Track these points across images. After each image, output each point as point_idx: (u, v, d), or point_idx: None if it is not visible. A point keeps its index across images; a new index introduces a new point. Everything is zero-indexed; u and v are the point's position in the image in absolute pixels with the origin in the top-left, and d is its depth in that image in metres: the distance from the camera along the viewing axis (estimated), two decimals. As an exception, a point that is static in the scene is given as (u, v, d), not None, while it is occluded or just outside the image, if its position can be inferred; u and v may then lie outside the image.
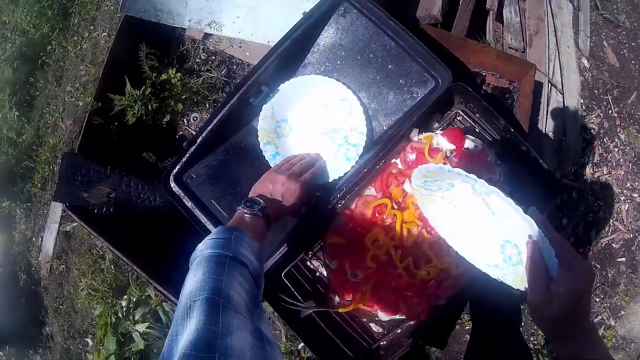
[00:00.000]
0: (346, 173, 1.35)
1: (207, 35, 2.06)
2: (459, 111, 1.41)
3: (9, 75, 3.16)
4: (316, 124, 1.41)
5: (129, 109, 1.88)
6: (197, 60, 2.10)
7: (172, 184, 1.42)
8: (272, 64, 1.36)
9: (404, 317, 1.33)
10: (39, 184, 2.90)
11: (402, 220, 1.30)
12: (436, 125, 1.41)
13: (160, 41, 2.06)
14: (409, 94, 1.40)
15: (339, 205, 1.34)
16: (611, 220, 3.13)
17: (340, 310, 1.34)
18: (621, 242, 3.09)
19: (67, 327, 2.78)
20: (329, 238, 1.36)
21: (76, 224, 2.58)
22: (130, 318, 2.17)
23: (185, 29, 2.05)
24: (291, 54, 1.39)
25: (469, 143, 1.34)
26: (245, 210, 1.09)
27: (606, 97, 3.32)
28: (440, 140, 1.34)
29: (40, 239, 2.89)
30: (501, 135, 1.35)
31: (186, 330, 0.67)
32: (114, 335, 2.27)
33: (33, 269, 2.95)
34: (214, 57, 2.10)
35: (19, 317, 2.95)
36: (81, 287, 2.57)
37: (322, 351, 1.29)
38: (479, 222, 1.01)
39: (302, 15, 1.40)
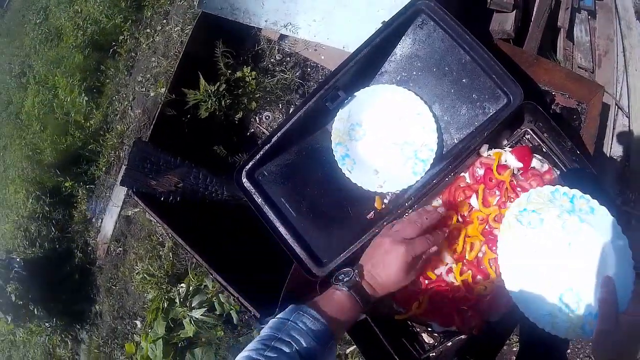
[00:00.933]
0: (411, 186, 1.37)
1: (282, 37, 2.11)
2: (528, 129, 1.40)
3: (80, 61, 3.33)
4: (389, 133, 1.43)
5: (202, 103, 1.95)
6: (272, 60, 2.15)
7: (244, 180, 1.46)
8: (351, 69, 1.38)
9: (456, 329, 1.33)
10: (104, 168, 3.05)
11: (465, 234, 1.31)
12: (505, 142, 1.41)
13: (236, 39, 2.12)
14: (481, 109, 1.40)
15: (406, 215, 1.35)
16: None
17: (396, 317, 1.36)
18: None
19: (118, 307, 2.91)
20: None
21: (138, 209, 2.69)
22: (187, 304, 2.25)
23: (261, 29, 2.10)
24: (369, 61, 1.41)
25: (535, 162, 1.33)
26: (336, 283, 1.07)
27: None
28: (509, 158, 1.34)
29: (100, 220, 3.03)
30: (567, 157, 1.34)
31: None
32: (164, 320, 2.36)
33: (90, 248, 3.10)
34: (288, 59, 2.15)
35: (70, 292, 3.11)
36: (137, 271, 2.68)
37: (372, 356, 1.31)
38: (547, 270, 1.06)
39: (382, 24, 1.43)
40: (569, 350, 2.17)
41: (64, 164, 3.20)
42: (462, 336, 1.34)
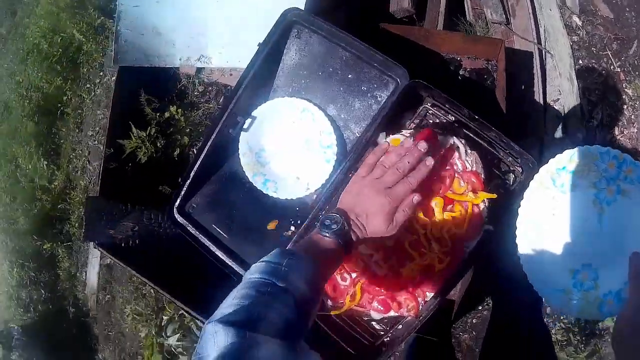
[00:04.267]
0: (323, 184, 1.46)
1: (199, 69, 2.20)
2: (428, 106, 1.43)
3: (32, 128, 3.43)
4: (291, 141, 1.52)
5: (138, 150, 2.05)
6: (195, 93, 2.26)
7: (177, 216, 1.58)
8: (243, 94, 1.47)
9: (397, 314, 1.36)
10: (76, 224, 3.16)
11: None
12: (409, 124, 1.44)
13: (158, 82, 2.22)
14: (373, 98, 1.48)
15: (322, 214, 1.40)
16: None
17: (332, 313, 1.40)
18: None
19: (118, 351, 3.02)
20: None
21: (113, 257, 2.81)
22: (163, 334, 2.37)
23: (178, 67, 2.19)
24: (258, 82, 1.50)
25: (442, 140, 1.33)
26: (324, 232, 0.99)
27: (605, 53, 3.26)
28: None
29: (84, 273, 3.14)
30: (470, 123, 1.36)
31: (214, 350, 0.68)
32: (160, 354, 2.48)
33: (80, 302, 3.21)
34: (210, 88, 2.26)
35: (72, 347, 3.21)
36: (127, 313, 2.79)
37: (324, 351, 1.40)
38: (567, 242, 1.01)
39: (258, 45, 1.51)
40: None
41: (39, 227, 3.28)
42: (408, 319, 1.36)
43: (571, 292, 0.96)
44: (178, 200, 1.57)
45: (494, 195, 1.28)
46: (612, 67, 3.18)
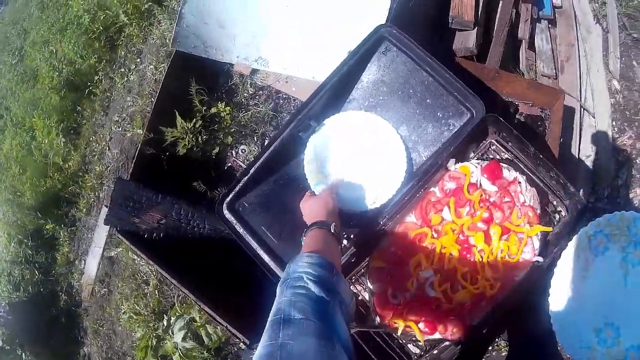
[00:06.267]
0: (389, 200, 1.42)
1: (254, 71, 2.16)
2: (493, 140, 1.48)
3: (56, 102, 3.34)
4: (357, 156, 1.49)
5: (180, 140, 1.99)
6: (245, 94, 2.20)
7: (225, 212, 1.51)
8: (320, 100, 1.45)
9: (440, 337, 1.37)
10: (84, 209, 3.04)
11: (441, 245, 1.37)
12: (472, 154, 1.49)
13: (209, 76, 2.18)
14: (446, 126, 1.48)
15: (382, 231, 1.42)
16: None
17: (381, 330, 1.41)
18: None
19: (106, 348, 2.87)
20: (372, 262, 1.43)
21: (120, 249, 2.69)
22: (170, 332, 2.25)
23: (233, 64, 2.16)
24: (338, 90, 1.48)
25: (504, 172, 1.41)
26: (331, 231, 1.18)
27: (637, 118, 3.34)
28: (483, 180, 1.41)
29: (83, 262, 3.01)
30: (532, 161, 1.42)
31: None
32: (154, 358, 2.35)
33: (74, 290, 3.07)
34: (261, 92, 2.20)
35: (57, 335, 3.06)
36: (123, 311, 2.66)
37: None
38: (595, 302, 1.08)
39: (348, 54, 1.49)
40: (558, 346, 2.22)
41: (45, 206, 3.17)
42: (447, 343, 1.38)
43: (596, 349, 1.03)
44: (230, 195, 1.51)
45: (549, 229, 1.34)
46: None
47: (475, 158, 1.48)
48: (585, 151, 2.79)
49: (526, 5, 2.72)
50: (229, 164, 2.21)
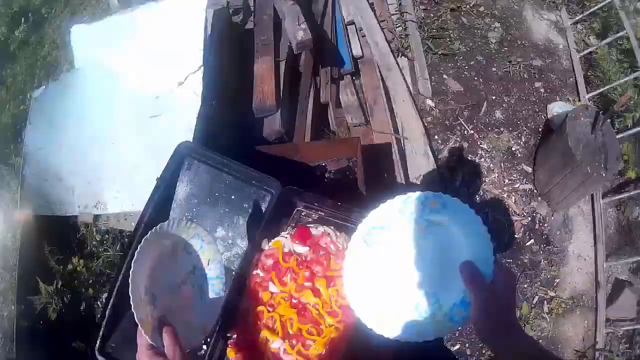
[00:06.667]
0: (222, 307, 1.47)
1: (97, 217, 2.34)
2: (300, 208, 1.73)
3: None
4: (172, 275, 1.38)
5: (48, 305, 2.09)
6: (93, 242, 2.38)
7: (99, 357, 1.64)
8: (143, 234, 1.62)
9: None
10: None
11: (279, 315, 1.54)
12: (286, 227, 1.69)
13: (60, 232, 2.34)
14: (254, 213, 1.70)
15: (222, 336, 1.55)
16: (507, 217, 3.60)
17: None
18: (522, 228, 3.60)
19: None
20: (228, 355, 1.56)
21: None
22: None
23: (77, 215, 2.32)
24: (156, 219, 1.64)
25: (313, 230, 1.63)
26: None
27: (458, 122, 3.89)
28: (294, 246, 1.60)
29: None
30: (335, 210, 1.66)
31: None
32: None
33: None
34: (107, 236, 2.39)
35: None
36: None
37: None
38: (399, 287, 1.11)
39: (156, 180, 1.69)
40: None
41: None
42: None
43: (421, 323, 1.06)
44: (98, 342, 1.64)
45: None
46: (465, 131, 3.84)
47: (291, 228, 1.67)
48: (414, 174, 3.19)
49: (324, 69, 3.04)
50: (98, 315, 2.24)
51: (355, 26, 3.47)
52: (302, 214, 1.74)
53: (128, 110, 2.31)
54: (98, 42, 2.52)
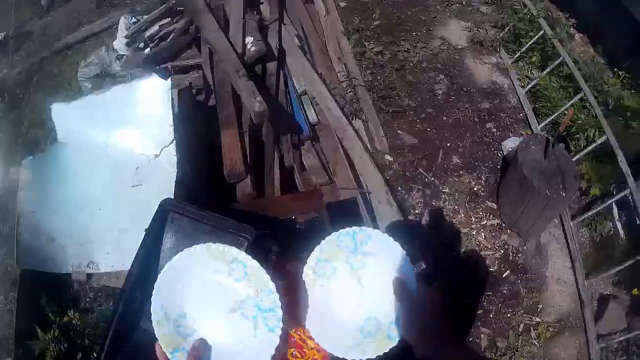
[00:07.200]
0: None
1: (89, 275, 2.43)
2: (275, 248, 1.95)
3: None
4: (219, 303, 1.16)
5: (46, 351, 2.18)
6: (87, 299, 2.47)
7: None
8: (134, 284, 1.73)
9: None
10: None
11: None
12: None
13: (55, 287, 2.42)
14: None
15: None
16: (478, 253, 3.72)
17: None
18: (496, 261, 3.71)
19: None
20: None
21: None
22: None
23: (70, 273, 2.41)
24: (143, 276, 1.73)
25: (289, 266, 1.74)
26: None
27: (418, 172, 4.10)
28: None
29: None
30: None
31: None
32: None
33: None
34: (100, 293, 2.48)
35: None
36: None
37: None
38: (346, 312, 1.16)
39: (144, 232, 1.79)
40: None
41: None
42: None
43: (364, 343, 1.10)
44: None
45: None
46: (426, 179, 4.03)
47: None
48: (383, 224, 3.33)
49: (285, 137, 3.28)
50: (95, 364, 2.38)
51: (308, 95, 3.77)
52: (273, 255, 1.95)
53: (111, 179, 2.51)
54: (77, 118, 2.75)
